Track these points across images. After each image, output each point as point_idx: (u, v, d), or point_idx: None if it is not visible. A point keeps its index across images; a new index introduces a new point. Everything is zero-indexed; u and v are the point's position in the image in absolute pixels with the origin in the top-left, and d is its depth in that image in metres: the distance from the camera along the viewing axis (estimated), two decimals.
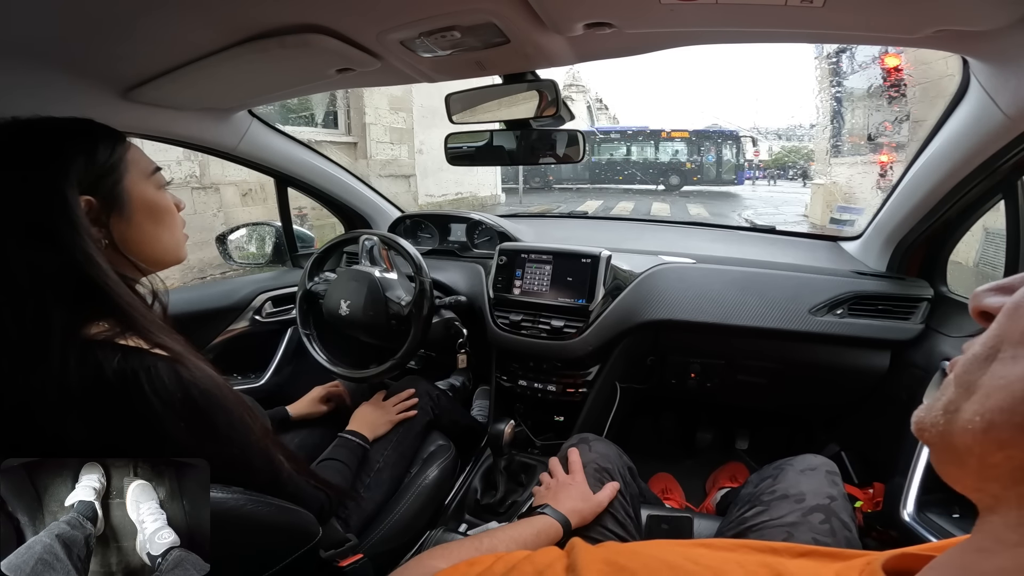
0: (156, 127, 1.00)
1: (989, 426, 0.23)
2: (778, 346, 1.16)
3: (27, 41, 0.66)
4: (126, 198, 0.60)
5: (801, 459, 0.81)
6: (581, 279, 1.21)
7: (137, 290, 0.61)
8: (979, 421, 0.23)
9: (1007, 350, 0.23)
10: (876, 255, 1.23)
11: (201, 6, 0.62)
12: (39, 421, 0.49)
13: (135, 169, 0.61)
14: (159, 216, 0.63)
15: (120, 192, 0.59)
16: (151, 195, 0.63)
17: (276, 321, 1.46)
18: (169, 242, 0.65)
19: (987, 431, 0.23)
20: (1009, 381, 0.22)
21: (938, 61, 4.53)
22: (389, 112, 7.16)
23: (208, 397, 0.55)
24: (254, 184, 4.97)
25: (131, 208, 0.60)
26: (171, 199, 0.66)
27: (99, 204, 0.57)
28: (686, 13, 0.64)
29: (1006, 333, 0.24)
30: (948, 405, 0.25)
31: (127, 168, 0.60)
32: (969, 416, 0.24)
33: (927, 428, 0.26)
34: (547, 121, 0.95)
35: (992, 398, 0.23)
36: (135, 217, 0.60)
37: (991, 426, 0.23)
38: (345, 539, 0.83)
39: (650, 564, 0.38)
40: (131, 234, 0.60)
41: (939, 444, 0.26)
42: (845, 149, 7.82)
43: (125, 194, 0.59)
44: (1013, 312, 0.24)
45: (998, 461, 0.23)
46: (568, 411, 1.31)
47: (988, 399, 0.23)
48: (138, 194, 0.61)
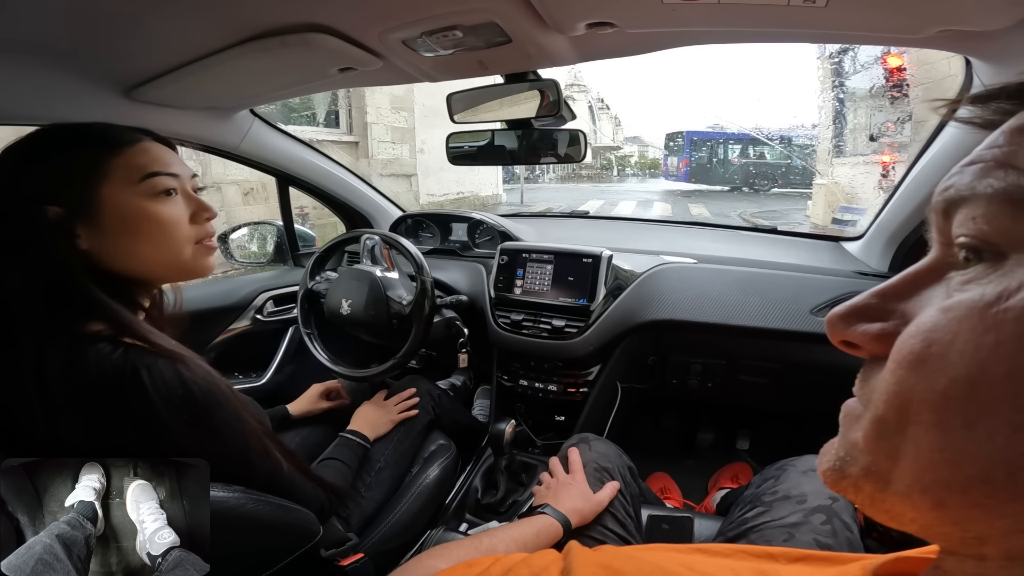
0: (158, 126, 0.99)
1: (938, 504, 0.19)
2: (779, 346, 1.16)
3: (30, 41, 0.66)
4: (99, 207, 0.54)
5: (804, 460, 0.81)
6: (582, 279, 1.20)
7: (137, 292, 0.60)
8: (921, 498, 0.20)
9: (922, 413, 0.19)
10: (878, 255, 1.23)
11: (203, 5, 0.62)
12: (39, 419, 0.49)
13: (119, 176, 0.56)
14: (136, 228, 0.57)
15: (92, 200, 0.54)
16: (130, 204, 0.56)
17: (277, 320, 1.46)
18: (151, 258, 0.58)
19: (936, 508, 0.20)
20: (953, 456, 0.19)
21: (940, 61, 4.51)
22: (391, 111, 7.16)
23: (209, 395, 0.55)
24: (256, 183, 4.98)
25: (103, 217, 0.55)
26: (172, 210, 0.59)
27: (65, 212, 0.53)
28: (688, 13, 0.63)
29: (914, 391, 0.20)
30: (869, 473, 0.22)
31: (108, 174, 0.55)
32: (905, 490, 0.20)
33: (847, 492, 0.23)
34: (548, 121, 0.95)
35: (931, 472, 0.19)
36: (107, 228, 0.55)
37: (941, 504, 0.19)
38: (346, 538, 0.83)
39: (645, 569, 0.38)
40: (104, 246, 0.55)
41: (871, 508, 0.22)
42: (847, 149, 7.80)
43: (98, 202, 0.54)
44: (915, 364, 0.20)
45: (949, 532, 0.20)
46: (569, 411, 1.30)
47: (926, 473, 0.19)
48: (114, 203, 0.55)
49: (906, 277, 0.23)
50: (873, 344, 0.23)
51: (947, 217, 0.22)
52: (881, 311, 0.23)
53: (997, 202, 0.19)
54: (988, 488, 0.18)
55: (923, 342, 0.20)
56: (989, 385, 0.18)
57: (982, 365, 0.18)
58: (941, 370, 0.19)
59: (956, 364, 0.19)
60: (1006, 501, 0.18)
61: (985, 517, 0.19)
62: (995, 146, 0.20)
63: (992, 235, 0.19)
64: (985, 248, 0.20)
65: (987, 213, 0.20)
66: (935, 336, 0.20)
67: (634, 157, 33.85)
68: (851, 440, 0.23)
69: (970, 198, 0.20)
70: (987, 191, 0.20)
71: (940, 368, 0.19)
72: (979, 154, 0.21)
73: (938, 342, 0.19)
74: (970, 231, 0.20)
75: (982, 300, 0.19)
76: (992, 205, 0.19)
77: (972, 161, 0.21)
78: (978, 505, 0.19)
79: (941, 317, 0.20)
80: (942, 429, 0.19)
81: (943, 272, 0.22)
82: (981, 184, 0.20)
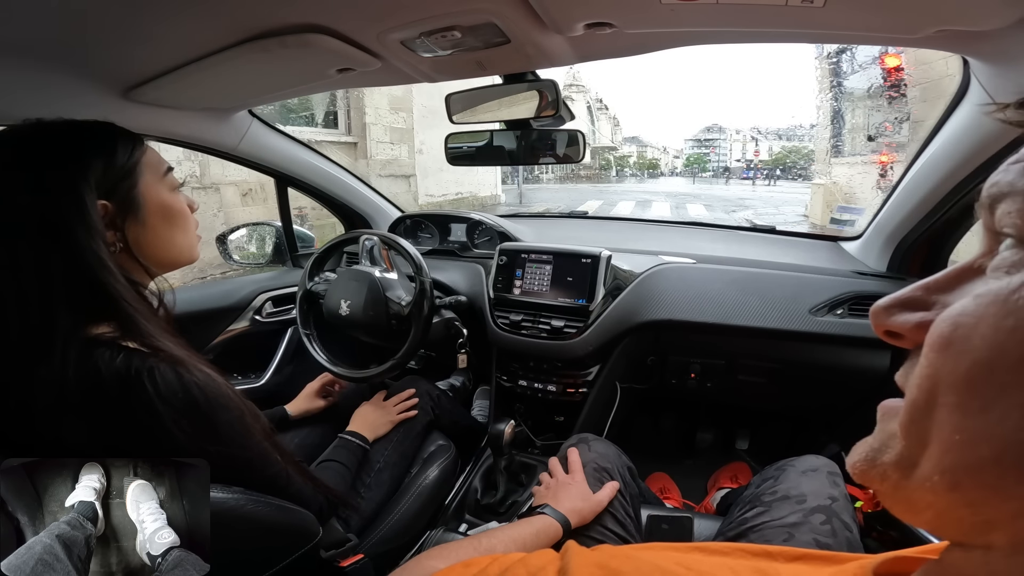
0: (157, 127, 1.01)
1: (954, 485, 0.20)
2: (778, 346, 1.16)
3: (29, 41, 0.66)
4: (141, 202, 0.60)
5: (803, 460, 0.81)
6: (581, 279, 1.21)
7: (144, 294, 0.61)
8: (940, 480, 0.20)
9: (947, 395, 0.20)
10: (876, 255, 1.23)
11: (202, 6, 0.62)
12: (40, 420, 0.49)
13: (150, 172, 0.62)
14: (173, 219, 0.64)
15: (136, 196, 0.60)
16: (166, 198, 0.63)
17: (276, 321, 1.46)
18: (183, 244, 0.65)
19: (952, 490, 0.20)
20: (970, 437, 0.19)
21: (938, 61, 4.53)
22: (389, 112, 7.15)
23: (209, 397, 0.55)
24: (254, 184, 4.97)
25: (146, 212, 0.60)
26: (185, 200, 0.66)
27: (115, 208, 0.57)
28: (686, 13, 0.63)
29: (940, 374, 0.20)
30: (901, 460, 0.22)
31: (143, 171, 0.61)
32: (927, 473, 0.21)
33: (875, 482, 0.24)
34: (547, 121, 0.95)
35: (951, 454, 0.20)
36: (150, 220, 0.61)
37: (957, 486, 0.20)
38: (345, 539, 0.83)
39: (642, 568, 0.38)
40: (146, 237, 0.61)
41: (892, 496, 0.23)
42: (845, 149, 7.82)
43: (141, 198, 0.60)
44: (943, 347, 0.21)
45: (962, 516, 0.21)
46: (568, 411, 1.31)
47: (946, 455, 0.20)
48: (153, 197, 0.61)
49: (951, 271, 0.24)
50: (914, 333, 0.23)
51: (992, 212, 0.22)
52: (924, 303, 0.24)
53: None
54: (999, 469, 0.19)
55: (951, 325, 0.21)
56: (1005, 368, 0.18)
57: (1001, 348, 0.19)
58: (965, 352, 0.20)
59: (978, 347, 0.19)
60: (1015, 483, 0.19)
61: (996, 498, 0.19)
62: None
63: None
64: (1020, 240, 0.20)
65: (1022, 208, 0.21)
66: (963, 320, 0.20)
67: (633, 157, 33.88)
68: (888, 430, 0.24)
69: (1010, 194, 0.21)
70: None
71: (964, 350, 0.20)
72: (1023, 154, 0.22)
73: (964, 325, 0.20)
74: (1007, 225, 0.21)
75: (1008, 287, 0.19)
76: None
77: (1017, 160, 0.22)
78: (989, 486, 0.19)
79: (971, 302, 0.21)
80: (962, 411, 0.20)
81: (986, 266, 0.23)
82: (1021, 181, 0.21)
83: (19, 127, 0.55)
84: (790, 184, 15.61)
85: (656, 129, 72.64)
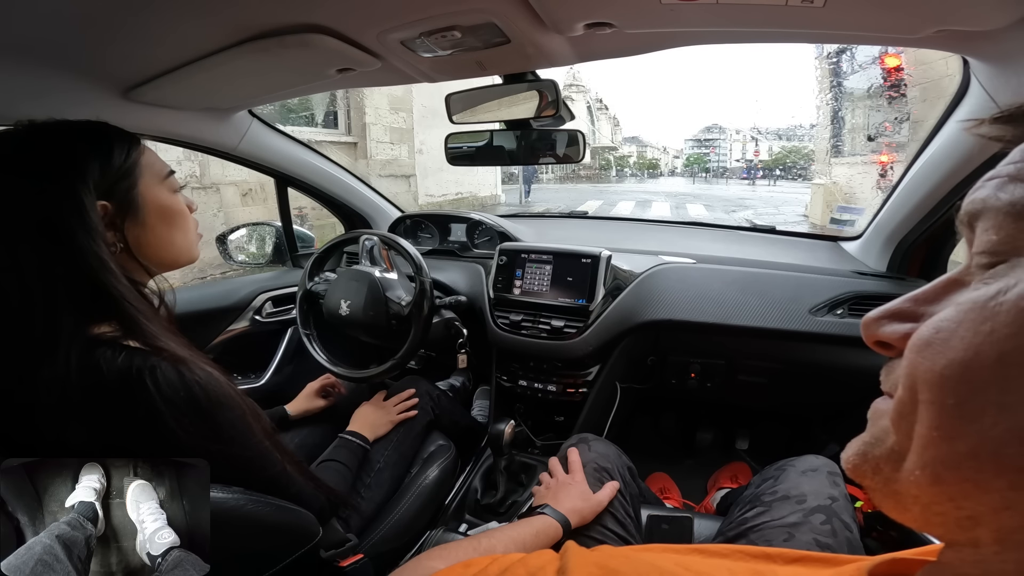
0: (157, 127, 1.01)
1: (936, 479, 0.21)
2: (778, 346, 1.16)
3: (29, 41, 0.66)
4: (140, 202, 0.60)
5: (803, 460, 0.81)
6: (581, 279, 1.21)
7: (145, 294, 0.61)
8: (922, 474, 0.22)
9: (924, 392, 0.21)
10: (876, 255, 1.23)
11: (201, 6, 0.62)
12: (42, 420, 0.49)
13: (149, 173, 0.62)
14: (173, 219, 0.64)
15: (135, 196, 0.60)
16: (165, 199, 0.63)
17: (276, 321, 1.46)
18: (183, 244, 0.66)
19: (934, 484, 0.21)
20: (947, 433, 0.21)
21: (938, 61, 4.53)
22: (389, 112, 7.15)
23: (211, 396, 0.55)
24: (254, 184, 4.97)
25: (145, 212, 0.61)
26: (184, 201, 0.66)
27: (114, 209, 0.57)
28: (686, 13, 0.64)
29: (917, 372, 0.22)
30: (892, 453, 0.23)
31: (142, 172, 0.61)
32: (911, 467, 0.22)
33: (867, 476, 0.25)
34: (547, 121, 0.95)
35: (930, 449, 0.21)
36: (149, 221, 0.61)
37: (938, 479, 0.21)
38: (345, 539, 0.82)
39: (641, 568, 0.38)
40: (146, 238, 0.61)
41: (883, 491, 0.24)
42: (845, 149, 7.82)
43: (140, 198, 0.60)
44: (922, 348, 0.22)
45: (946, 510, 0.22)
46: (568, 411, 1.31)
47: (927, 450, 0.21)
48: (152, 198, 0.61)
49: (939, 283, 0.25)
50: (902, 343, 0.24)
51: (971, 227, 0.24)
52: (913, 314, 0.25)
53: (1003, 213, 0.22)
54: (976, 463, 0.20)
55: (932, 329, 0.22)
56: (981, 368, 0.20)
57: (977, 349, 0.20)
58: (941, 352, 0.21)
59: (956, 348, 0.21)
60: (993, 476, 0.20)
61: (976, 492, 0.21)
62: (1011, 162, 0.23)
63: (999, 244, 0.21)
64: (997, 255, 0.22)
65: (996, 223, 0.22)
66: (943, 324, 0.22)
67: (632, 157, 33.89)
68: (880, 426, 0.25)
69: (984, 210, 0.23)
70: (997, 203, 0.22)
71: (941, 351, 0.21)
72: (998, 169, 0.23)
73: (944, 329, 0.22)
74: (984, 240, 0.22)
75: (985, 295, 0.21)
76: (999, 216, 0.22)
77: (992, 176, 0.23)
78: (969, 480, 0.20)
79: (952, 310, 0.22)
80: (938, 408, 0.21)
81: (971, 278, 0.23)
82: (994, 197, 0.22)
83: (13, 130, 0.55)
84: (790, 184, 15.62)
85: (656, 129, 72.53)
